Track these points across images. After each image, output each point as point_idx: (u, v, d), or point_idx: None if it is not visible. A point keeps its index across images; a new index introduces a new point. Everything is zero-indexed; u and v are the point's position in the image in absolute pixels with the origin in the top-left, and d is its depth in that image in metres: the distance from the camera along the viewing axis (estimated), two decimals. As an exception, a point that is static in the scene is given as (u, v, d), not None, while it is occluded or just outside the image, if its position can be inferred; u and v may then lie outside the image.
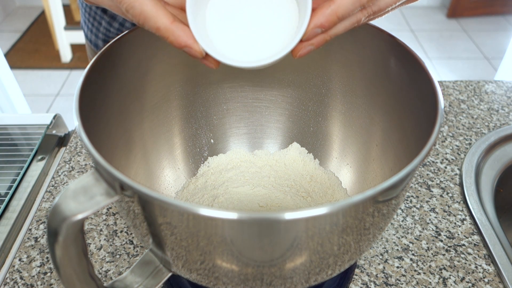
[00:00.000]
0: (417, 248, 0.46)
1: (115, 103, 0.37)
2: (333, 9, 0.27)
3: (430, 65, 2.18)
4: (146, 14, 0.26)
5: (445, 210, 0.51)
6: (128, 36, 0.35)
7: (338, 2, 0.27)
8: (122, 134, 0.39)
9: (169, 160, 0.46)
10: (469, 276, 0.44)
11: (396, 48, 0.35)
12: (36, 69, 2.13)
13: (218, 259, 0.27)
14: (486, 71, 2.18)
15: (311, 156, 0.48)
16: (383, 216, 0.29)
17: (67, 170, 0.55)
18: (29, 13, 2.58)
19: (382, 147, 0.41)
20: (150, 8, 0.26)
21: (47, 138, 0.61)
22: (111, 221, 0.49)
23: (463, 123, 0.63)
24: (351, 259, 0.31)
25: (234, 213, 0.22)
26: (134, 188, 0.23)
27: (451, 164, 0.56)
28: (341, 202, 0.22)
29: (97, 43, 0.62)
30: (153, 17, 0.26)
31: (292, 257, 0.27)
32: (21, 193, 0.53)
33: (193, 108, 0.46)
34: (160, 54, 0.40)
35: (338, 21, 0.27)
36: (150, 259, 0.32)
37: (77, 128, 0.27)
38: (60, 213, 0.24)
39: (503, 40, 2.43)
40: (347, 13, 0.27)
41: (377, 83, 0.40)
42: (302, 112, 0.47)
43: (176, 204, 0.22)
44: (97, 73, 0.32)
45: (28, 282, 0.43)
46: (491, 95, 0.69)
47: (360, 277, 0.44)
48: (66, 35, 2.09)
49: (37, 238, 0.47)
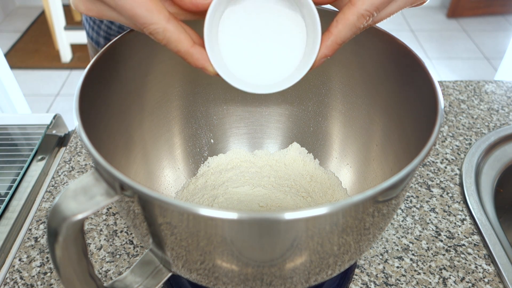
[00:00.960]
0: (417, 248, 0.46)
1: (115, 103, 0.37)
2: (333, 40, 0.30)
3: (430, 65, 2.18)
4: (168, 39, 0.29)
5: (445, 210, 0.51)
6: (129, 36, 0.35)
7: (335, 32, 0.30)
8: (122, 134, 0.39)
9: (169, 160, 0.46)
10: (469, 276, 0.44)
11: (396, 48, 0.35)
12: (36, 69, 2.13)
13: (218, 259, 0.27)
14: (486, 71, 2.19)
15: (311, 156, 0.48)
16: (383, 216, 0.29)
17: (67, 170, 0.55)
18: (29, 13, 2.58)
19: (382, 147, 0.41)
20: (172, 35, 0.28)
21: (47, 138, 0.61)
22: (111, 221, 0.49)
23: (463, 123, 0.63)
24: (351, 259, 0.31)
25: (234, 213, 0.22)
26: (134, 188, 0.23)
27: (451, 164, 0.56)
28: (341, 202, 0.22)
29: (98, 40, 0.62)
30: (175, 41, 0.29)
31: (292, 257, 0.27)
32: (21, 193, 0.53)
33: (193, 108, 0.46)
34: (161, 54, 0.40)
35: (340, 46, 0.31)
36: (150, 259, 0.32)
37: (77, 128, 0.27)
38: (60, 213, 0.24)
39: (503, 40, 2.43)
40: (346, 39, 0.30)
41: (377, 83, 0.40)
42: (302, 112, 0.47)
43: (176, 204, 0.22)
44: (97, 73, 0.32)
45: (28, 282, 0.43)
46: (491, 95, 0.69)
47: (360, 277, 0.44)
48: (66, 35, 2.09)
49: (37, 238, 0.47)
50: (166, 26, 0.28)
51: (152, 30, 0.28)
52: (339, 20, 0.30)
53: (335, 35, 0.30)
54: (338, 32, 0.30)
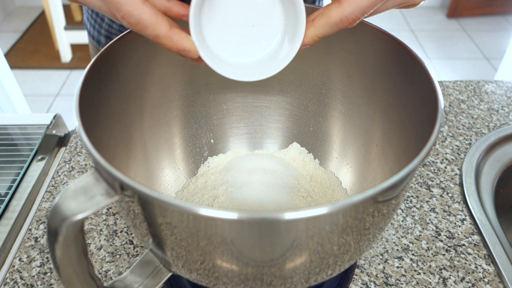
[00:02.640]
0: (417, 248, 0.46)
1: (115, 103, 0.37)
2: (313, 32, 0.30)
3: (430, 65, 2.18)
4: (145, 23, 0.26)
5: (445, 210, 0.51)
6: (128, 36, 0.35)
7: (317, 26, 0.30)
8: (122, 134, 0.39)
9: (169, 160, 0.46)
10: (469, 276, 0.44)
11: (396, 48, 0.35)
12: (36, 69, 2.13)
13: (218, 259, 0.27)
14: (486, 71, 2.18)
15: (311, 156, 0.48)
16: (383, 216, 0.29)
17: (67, 170, 0.55)
18: (29, 13, 2.58)
19: (382, 147, 0.41)
20: (149, 17, 0.26)
21: (47, 138, 0.61)
22: (111, 221, 0.49)
23: (463, 123, 0.63)
24: (351, 259, 0.31)
25: (234, 213, 0.22)
26: (134, 188, 0.23)
27: (451, 164, 0.56)
28: (341, 202, 0.22)
29: (99, 39, 0.62)
30: (152, 25, 0.26)
31: (292, 257, 0.27)
32: (21, 193, 0.53)
33: (193, 108, 0.46)
34: (161, 54, 0.40)
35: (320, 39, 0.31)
36: (150, 259, 0.32)
37: (77, 128, 0.27)
38: (60, 213, 0.24)
39: (503, 40, 2.43)
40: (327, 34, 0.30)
41: (377, 83, 0.40)
42: (302, 112, 0.47)
43: (176, 204, 0.22)
44: (97, 73, 0.32)
45: (28, 282, 0.43)
46: (491, 95, 0.69)
47: (360, 277, 0.44)
48: (66, 35, 2.09)
49: (37, 238, 0.47)
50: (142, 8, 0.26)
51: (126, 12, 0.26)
52: (323, 15, 0.29)
53: (316, 28, 0.30)
54: (319, 26, 0.30)
